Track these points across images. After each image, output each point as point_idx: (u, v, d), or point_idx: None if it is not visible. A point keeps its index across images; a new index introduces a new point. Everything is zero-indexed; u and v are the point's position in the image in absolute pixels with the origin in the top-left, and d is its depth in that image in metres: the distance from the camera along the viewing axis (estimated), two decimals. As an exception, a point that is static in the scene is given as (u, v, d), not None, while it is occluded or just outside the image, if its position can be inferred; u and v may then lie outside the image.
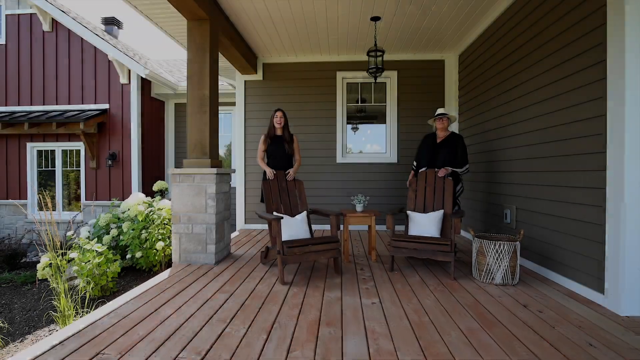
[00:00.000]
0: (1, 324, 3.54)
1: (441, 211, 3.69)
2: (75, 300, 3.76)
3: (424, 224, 3.63)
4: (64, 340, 2.04)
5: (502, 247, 2.99)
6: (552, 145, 3.20)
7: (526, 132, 3.64)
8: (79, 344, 2.00)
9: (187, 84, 3.88)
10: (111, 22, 10.03)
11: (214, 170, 3.74)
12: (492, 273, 3.05)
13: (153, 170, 8.34)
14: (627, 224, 2.38)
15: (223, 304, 2.63)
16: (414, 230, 3.66)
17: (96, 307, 3.62)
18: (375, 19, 4.54)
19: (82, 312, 3.60)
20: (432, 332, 2.16)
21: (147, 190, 7.77)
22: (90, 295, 3.97)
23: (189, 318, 2.37)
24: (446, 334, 2.13)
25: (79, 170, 8.04)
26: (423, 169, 4.07)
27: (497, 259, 3.02)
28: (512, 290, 2.91)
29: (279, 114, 4.22)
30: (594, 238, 2.68)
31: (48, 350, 1.93)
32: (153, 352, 1.92)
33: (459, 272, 3.44)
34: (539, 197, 3.42)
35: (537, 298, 2.74)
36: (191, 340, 2.05)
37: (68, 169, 8.11)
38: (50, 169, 8.11)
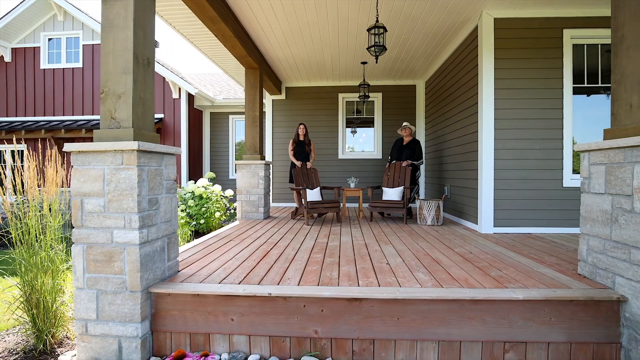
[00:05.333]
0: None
1: (402, 187, 6.01)
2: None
3: (391, 194, 5.96)
4: (211, 237, 4.40)
5: (430, 203, 5.32)
6: (463, 146, 5.52)
7: (455, 138, 5.95)
8: (219, 238, 4.35)
9: (245, 108, 6.22)
10: (153, 44, 12.40)
11: (263, 162, 6.08)
12: (425, 219, 5.38)
13: (195, 166, 10.73)
14: (483, 187, 4.70)
15: (278, 230, 4.97)
16: (385, 198, 5.99)
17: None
18: (364, 62, 6.87)
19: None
20: (383, 236, 4.49)
21: (192, 179, 10.12)
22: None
23: (263, 233, 4.72)
24: (389, 236, 4.47)
25: (139, 165, 10.42)
26: (393, 162, 6.39)
27: (428, 210, 5.34)
28: (436, 227, 5.23)
29: (301, 126, 6.55)
30: (476, 196, 4.99)
31: (209, 238, 4.28)
32: (256, 240, 4.26)
33: (410, 222, 5.78)
34: (459, 177, 5.74)
35: (446, 229, 5.06)
36: (269, 238, 4.40)
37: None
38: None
